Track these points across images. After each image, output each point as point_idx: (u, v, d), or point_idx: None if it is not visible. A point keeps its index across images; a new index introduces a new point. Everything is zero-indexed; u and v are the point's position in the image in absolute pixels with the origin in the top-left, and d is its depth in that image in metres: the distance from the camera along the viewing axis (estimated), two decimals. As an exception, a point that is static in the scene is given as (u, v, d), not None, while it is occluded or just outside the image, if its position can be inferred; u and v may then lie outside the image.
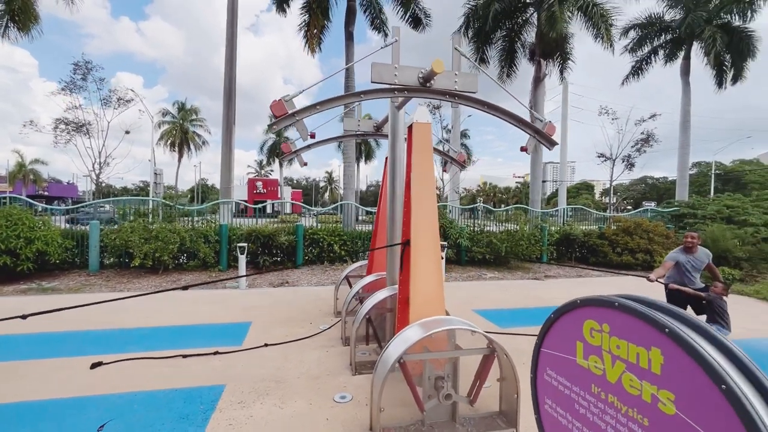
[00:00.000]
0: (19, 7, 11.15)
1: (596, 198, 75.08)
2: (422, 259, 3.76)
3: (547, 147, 4.18)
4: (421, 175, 3.94)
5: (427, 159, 4.01)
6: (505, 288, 9.09)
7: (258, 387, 3.82)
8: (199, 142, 45.47)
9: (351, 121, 6.10)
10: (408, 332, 3.26)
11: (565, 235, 13.17)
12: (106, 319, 5.85)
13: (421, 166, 3.96)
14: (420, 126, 4.07)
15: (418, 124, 4.06)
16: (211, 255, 10.20)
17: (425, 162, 3.99)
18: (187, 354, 4.57)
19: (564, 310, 1.66)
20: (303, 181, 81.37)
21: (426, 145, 4.05)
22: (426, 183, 3.94)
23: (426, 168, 3.97)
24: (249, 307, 6.88)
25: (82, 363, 4.23)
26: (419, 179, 3.92)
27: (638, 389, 1.34)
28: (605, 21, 14.58)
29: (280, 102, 3.40)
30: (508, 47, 16.52)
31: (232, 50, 13.83)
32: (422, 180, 3.94)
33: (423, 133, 4.07)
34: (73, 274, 9.52)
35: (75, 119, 13.88)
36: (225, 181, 13.75)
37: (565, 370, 1.65)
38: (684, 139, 19.15)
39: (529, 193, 16.58)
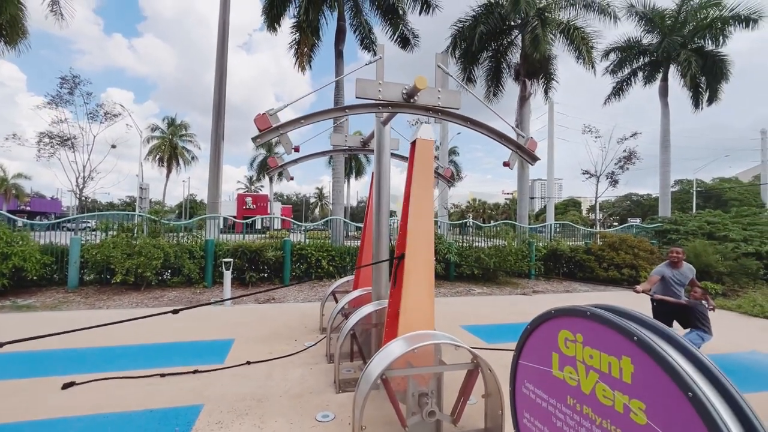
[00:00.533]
0: (7, 21, 11.13)
1: (583, 214, 76.36)
2: (416, 274, 3.74)
3: (528, 162, 4.26)
4: (420, 190, 3.93)
5: (427, 175, 4.00)
6: (493, 303, 9.07)
7: (238, 406, 3.70)
8: (189, 157, 45.23)
9: (339, 137, 6.14)
10: (391, 347, 3.21)
11: (552, 250, 13.29)
12: (80, 338, 5.62)
13: (422, 182, 3.95)
14: (423, 142, 4.05)
15: (422, 140, 4.05)
16: (196, 271, 10.00)
17: (426, 178, 3.98)
18: (166, 373, 4.41)
19: (540, 321, 1.65)
20: (293, 197, 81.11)
21: (428, 162, 4.04)
22: (425, 199, 3.94)
23: (426, 184, 3.96)
24: (233, 323, 6.72)
25: (53, 383, 4.05)
26: (419, 194, 3.91)
27: (611, 399, 1.33)
28: (586, 44, 15.16)
29: (264, 116, 3.42)
30: (494, 67, 17.00)
31: (222, 67, 13.94)
32: (421, 195, 3.93)
33: (426, 149, 4.05)
34: (51, 290, 9.21)
35: (60, 133, 13.72)
36: (212, 196, 13.63)
37: (542, 382, 1.64)
38: (664, 157, 19.73)
39: (517, 209, 16.78)
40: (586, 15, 15.46)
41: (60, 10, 12.43)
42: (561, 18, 15.71)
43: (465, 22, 15.98)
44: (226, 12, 13.86)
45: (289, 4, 14.10)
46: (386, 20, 14.62)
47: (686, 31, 18.56)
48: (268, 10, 14.02)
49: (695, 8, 18.14)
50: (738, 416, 0.97)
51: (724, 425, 0.95)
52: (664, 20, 18.78)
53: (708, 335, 4.78)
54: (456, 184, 25.82)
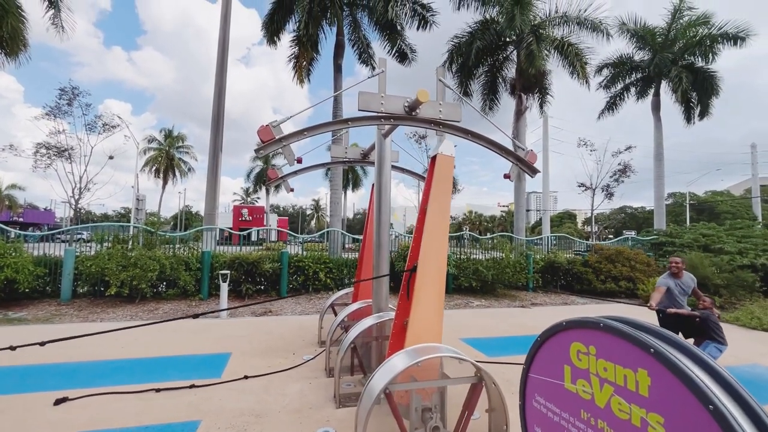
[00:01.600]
0: (8, 33, 11.19)
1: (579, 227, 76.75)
2: (427, 287, 3.71)
3: (528, 174, 4.29)
4: (438, 206, 3.91)
5: (446, 191, 3.99)
6: (492, 316, 9.02)
7: (236, 422, 3.61)
8: (185, 168, 45.18)
9: (338, 148, 6.17)
10: (394, 360, 3.17)
11: (550, 262, 13.31)
12: (73, 352, 5.52)
13: (440, 198, 3.94)
14: (444, 158, 4.04)
15: (443, 156, 4.04)
16: (192, 283, 9.88)
17: (444, 194, 3.97)
18: (161, 388, 4.31)
19: (550, 333, 1.64)
20: (290, 208, 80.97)
21: (447, 178, 4.02)
22: (442, 214, 3.92)
23: (444, 200, 3.95)
24: (229, 336, 6.61)
25: (45, 399, 3.94)
26: (436, 210, 3.90)
27: (627, 413, 1.31)
28: (580, 59, 15.48)
29: (267, 127, 3.43)
30: (490, 82, 17.28)
31: (221, 80, 14.05)
32: (438, 211, 3.91)
33: (446, 165, 4.04)
34: (43, 303, 9.05)
35: (57, 144, 13.68)
36: (209, 207, 13.57)
37: (553, 395, 1.61)
38: (658, 170, 19.99)
39: (514, 221, 16.85)
40: (579, 32, 15.85)
41: (61, 23, 12.54)
42: (555, 35, 16.08)
43: (462, 37, 16.30)
44: (227, 26, 14.05)
45: (288, 19, 14.34)
46: (384, 35, 14.89)
47: (676, 48, 19.04)
48: (268, 25, 14.24)
49: (685, 26, 18.66)
50: (760, 429, 0.96)
51: (747, 439, 0.94)
52: (655, 38, 19.27)
53: (724, 345, 4.80)
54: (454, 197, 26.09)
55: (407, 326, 3.58)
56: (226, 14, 14.18)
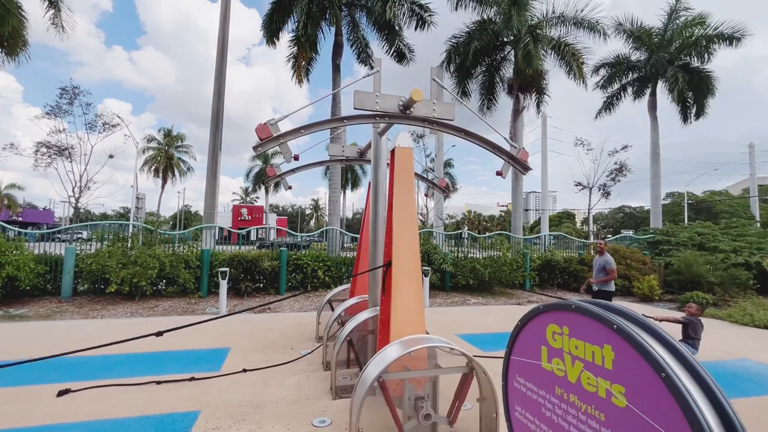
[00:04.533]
0: (9, 33, 11.27)
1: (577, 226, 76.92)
2: (403, 280, 3.82)
3: (520, 172, 4.40)
4: (402, 198, 4.07)
5: (408, 183, 4.15)
6: (488, 313, 9.13)
7: (234, 412, 3.71)
8: (184, 168, 45.20)
9: (336, 147, 6.28)
10: (387, 351, 3.27)
11: (547, 261, 13.42)
12: (77, 346, 5.60)
13: (403, 190, 4.09)
14: (402, 150, 4.24)
15: (400, 148, 4.24)
16: (192, 281, 9.98)
17: (407, 186, 4.13)
18: (162, 380, 4.41)
19: (529, 317, 1.74)
20: (289, 208, 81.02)
21: (407, 170, 4.20)
22: (407, 206, 4.07)
23: (407, 191, 4.11)
24: (228, 333, 6.71)
25: (49, 391, 4.04)
26: (401, 202, 4.05)
27: (594, 386, 1.41)
28: (577, 59, 15.60)
29: (265, 125, 3.54)
30: (488, 81, 17.39)
31: (220, 81, 14.15)
32: (404, 203, 4.06)
33: (405, 157, 4.24)
34: (44, 300, 9.14)
35: (57, 143, 13.78)
36: (209, 206, 13.67)
37: (532, 375, 1.71)
38: (655, 169, 20.13)
39: (511, 220, 16.97)
40: (576, 32, 15.97)
41: (61, 23, 12.62)
42: (552, 35, 16.20)
43: (459, 38, 16.41)
44: (226, 25, 14.15)
45: (287, 19, 14.44)
46: (383, 35, 14.99)
47: (673, 48, 19.17)
48: (268, 25, 14.34)
49: (681, 27, 18.79)
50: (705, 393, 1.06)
51: (693, 402, 1.04)
52: (652, 38, 19.40)
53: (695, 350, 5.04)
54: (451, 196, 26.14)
55: (389, 321, 3.68)
56: (226, 13, 14.28)
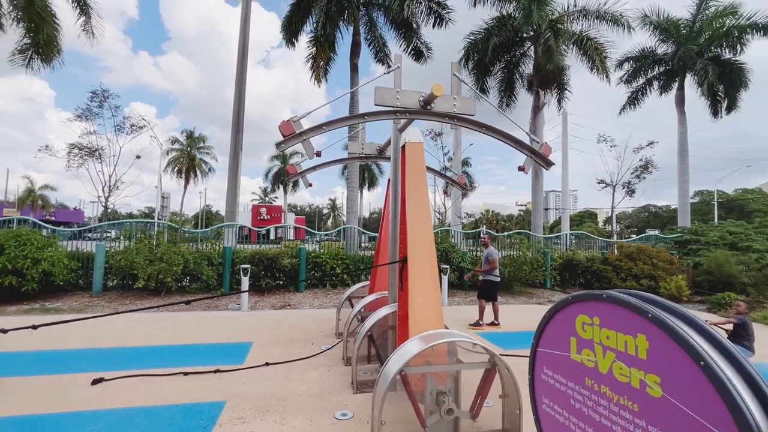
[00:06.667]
0: (44, 40, 11.83)
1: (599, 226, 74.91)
2: (419, 275, 3.82)
3: (543, 167, 4.33)
4: (415, 193, 4.07)
5: (420, 177, 4.15)
6: (508, 312, 9.00)
7: (258, 404, 3.79)
8: (206, 169, 46.40)
9: (355, 144, 6.32)
10: (408, 345, 3.28)
11: (568, 260, 13.13)
12: (108, 339, 5.87)
13: (415, 185, 4.10)
14: (412, 146, 4.25)
15: (411, 144, 4.25)
16: (214, 277, 10.22)
17: (419, 181, 4.13)
18: (188, 372, 4.55)
19: (557, 308, 1.72)
20: (306, 207, 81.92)
21: (419, 164, 4.20)
22: (420, 201, 4.06)
23: (419, 186, 4.11)
24: (250, 328, 6.86)
25: (84, 379, 4.23)
26: (413, 197, 4.05)
27: (627, 376, 1.38)
28: (599, 54, 15.19)
29: (288, 122, 3.60)
30: (506, 78, 17.14)
31: (241, 83, 14.46)
32: (416, 198, 4.06)
33: (416, 152, 4.24)
34: (77, 295, 9.54)
35: (88, 144, 14.39)
36: (230, 205, 13.98)
37: (560, 366, 1.69)
38: (683, 166, 19.40)
39: (531, 219, 16.68)
40: (599, 26, 15.55)
41: (92, 29, 13.16)
42: (574, 29, 15.83)
43: (478, 34, 16.23)
44: (246, 28, 14.44)
45: (306, 20, 14.61)
46: (400, 34, 14.98)
47: (702, 40, 18.43)
48: (287, 26, 14.54)
49: (711, 17, 18.04)
50: (747, 381, 1.02)
51: (735, 390, 1.01)
52: (679, 30, 18.70)
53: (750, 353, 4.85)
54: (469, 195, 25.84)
55: (408, 316, 3.69)
56: (246, 17, 14.57)
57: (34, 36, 11.87)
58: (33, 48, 12.24)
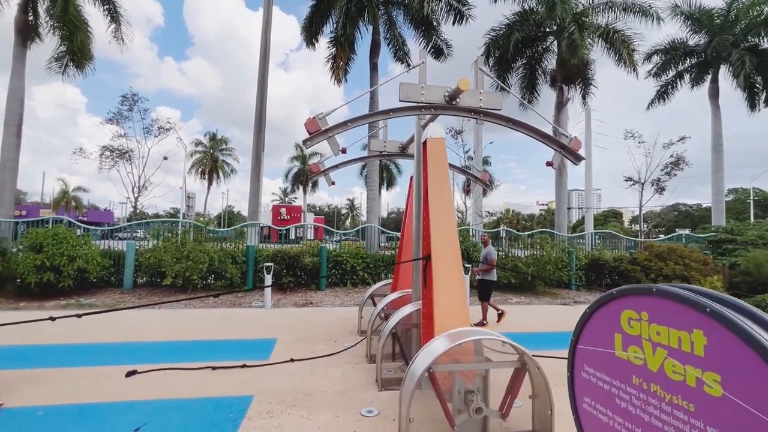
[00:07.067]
0: (78, 47, 12.36)
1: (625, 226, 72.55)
2: (443, 273, 3.77)
3: (573, 162, 4.21)
4: (437, 189, 4.01)
5: (442, 174, 4.09)
6: (532, 313, 8.82)
7: (285, 399, 3.83)
8: (228, 170, 47.46)
9: (377, 142, 6.31)
10: (435, 343, 3.24)
11: (594, 260, 12.74)
12: (140, 333, 6.08)
13: (438, 181, 4.04)
14: (434, 141, 4.19)
15: (432, 139, 4.19)
16: (238, 275, 10.43)
17: (441, 177, 4.07)
18: (216, 366, 4.65)
19: (600, 304, 1.65)
20: (325, 207, 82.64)
21: (441, 160, 4.14)
22: (443, 197, 4.01)
23: (442, 182, 4.05)
24: (274, 325, 6.96)
25: (119, 371, 4.38)
26: (436, 194, 4.00)
27: (682, 374, 1.31)
28: (627, 47, 14.67)
29: (313, 119, 3.62)
30: (528, 74, 16.79)
31: (263, 85, 14.69)
32: (439, 194, 4.01)
33: (437, 148, 4.18)
34: (109, 291, 9.92)
35: (119, 146, 14.97)
36: (253, 204, 14.23)
37: (603, 364, 1.62)
38: (717, 162, 18.52)
39: (555, 218, 16.26)
40: (626, 18, 15.02)
41: (121, 36, 13.67)
42: (599, 22, 15.35)
43: (499, 30, 15.97)
44: (268, 31, 14.67)
45: (326, 21, 14.72)
46: (420, 32, 14.89)
47: (737, 29, 17.54)
48: (308, 27, 14.70)
49: (747, 5, 17.14)
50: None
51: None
52: (713, 19, 17.86)
53: None
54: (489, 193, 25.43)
55: (433, 314, 3.64)
56: (268, 20, 14.81)
57: (68, 43, 12.42)
58: (68, 55, 12.80)
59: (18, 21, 12.21)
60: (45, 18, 12.88)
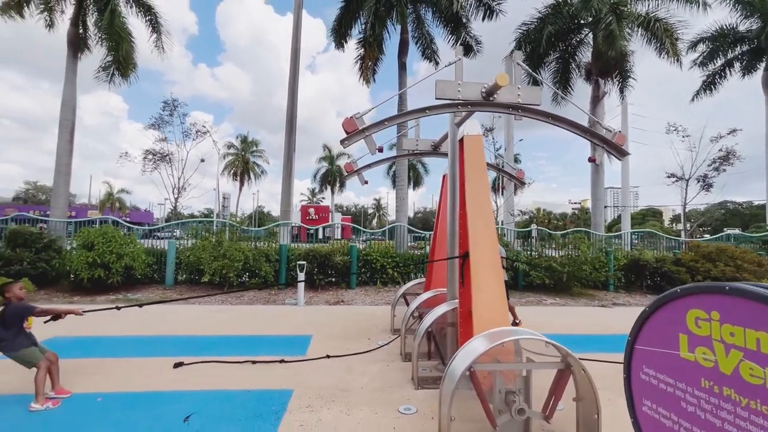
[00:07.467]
0: (123, 57, 13.13)
1: (665, 225, 68.86)
2: (482, 271, 3.72)
3: (617, 157, 4.05)
4: (475, 186, 3.96)
5: (480, 171, 4.03)
6: (568, 314, 8.54)
7: (324, 394, 3.91)
8: (259, 171, 48.88)
9: (409, 141, 6.31)
10: (475, 342, 3.21)
11: (634, 260, 12.16)
12: (183, 327, 6.38)
13: (475, 178, 3.99)
14: (471, 138, 4.14)
15: (470, 136, 4.14)
16: (272, 273, 10.72)
17: (479, 174, 4.02)
18: (256, 360, 4.80)
19: (661, 302, 1.57)
20: (352, 207, 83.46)
21: (479, 157, 4.09)
22: (481, 195, 3.95)
23: (481, 180, 3.99)
24: (308, 322, 7.10)
25: (167, 363, 4.61)
26: (474, 191, 3.95)
27: (761, 378, 1.23)
28: (670, 35, 13.90)
29: (351, 119, 3.67)
30: (562, 68, 16.25)
31: (294, 87, 15.04)
32: (477, 192, 3.95)
33: (475, 145, 4.13)
34: (152, 287, 10.46)
35: (161, 150, 15.79)
36: (285, 204, 14.59)
37: (666, 366, 1.55)
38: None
39: (591, 216, 15.66)
40: (668, 5, 14.24)
41: (162, 45, 14.43)
42: (638, 10, 14.63)
43: (530, 24, 15.55)
44: (298, 34, 14.99)
45: (354, 23, 14.87)
46: (449, 29, 14.75)
47: (795, 12, 16.24)
48: (337, 29, 14.90)
49: (806, -14, 15.85)
50: None
51: None
52: (766, 3, 16.62)
53: None
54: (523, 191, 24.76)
55: (471, 313, 3.59)
56: (298, 23, 15.13)
57: (114, 53, 13.21)
58: (114, 64, 13.60)
59: (69, 34, 13.12)
60: (93, 30, 13.76)
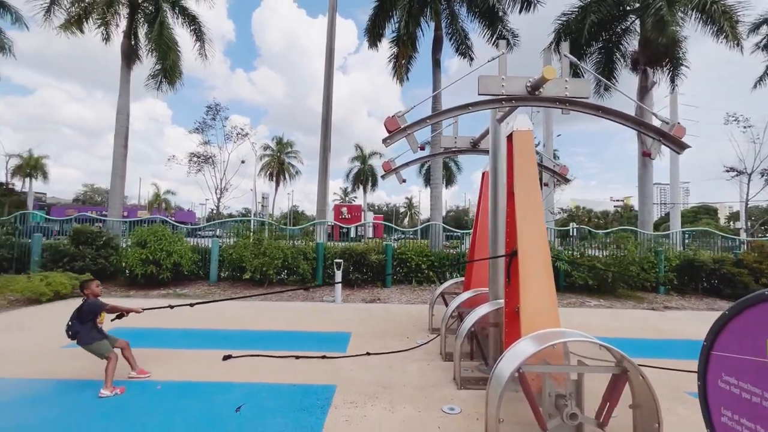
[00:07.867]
0: (170, 66, 13.92)
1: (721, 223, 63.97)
2: (532, 269, 3.61)
3: (676, 151, 3.80)
4: (526, 182, 3.85)
5: (531, 166, 3.92)
6: (615, 317, 8.12)
7: (367, 390, 3.95)
8: (293, 171, 50.17)
9: (447, 139, 6.24)
10: (523, 343, 3.13)
11: (688, 261, 11.37)
12: (229, 322, 6.67)
13: (526, 174, 3.87)
14: (521, 134, 4.01)
15: (519, 132, 4.02)
16: (309, 271, 10.97)
17: (529, 169, 3.90)
18: (299, 355, 4.94)
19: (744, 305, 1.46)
20: (384, 206, 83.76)
21: (529, 152, 3.96)
22: (532, 190, 3.84)
23: (531, 175, 3.88)
24: (346, 319, 7.21)
25: (216, 355, 4.84)
26: (524, 187, 3.84)
27: None
28: (729, 18, 12.82)
29: (393, 118, 3.68)
30: (605, 58, 15.43)
31: (329, 88, 15.30)
32: (528, 187, 3.84)
33: (525, 140, 4.00)
34: (198, 283, 11.00)
35: (204, 152, 16.61)
36: (321, 203, 14.88)
37: (750, 373, 1.43)
38: None
39: (638, 214, 14.77)
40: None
41: (205, 53, 15.17)
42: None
43: (570, 14, 14.88)
44: (333, 35, 15.23)
45: (388, 22, 14.89)
46: (484, 23, 14.43)
47: None
48: (371, 29, 14.99)
49: None
50: None
51: None
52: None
53: None
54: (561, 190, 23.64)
55: (519, 313, 3.48)
56: (332, 24, 15.37)
57: (162, 62, 14.02)
58: (162, 73, 14.44)
59: (123, 46, 14.05)
60: (144, 42, 14.67)
